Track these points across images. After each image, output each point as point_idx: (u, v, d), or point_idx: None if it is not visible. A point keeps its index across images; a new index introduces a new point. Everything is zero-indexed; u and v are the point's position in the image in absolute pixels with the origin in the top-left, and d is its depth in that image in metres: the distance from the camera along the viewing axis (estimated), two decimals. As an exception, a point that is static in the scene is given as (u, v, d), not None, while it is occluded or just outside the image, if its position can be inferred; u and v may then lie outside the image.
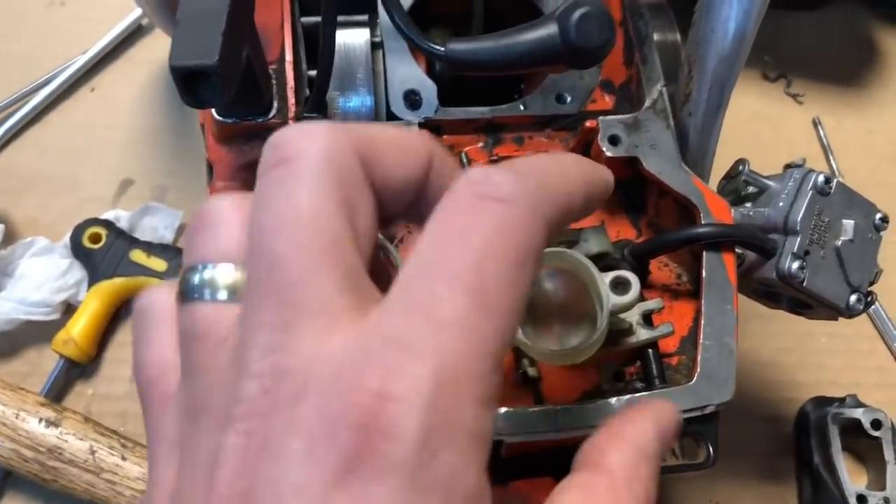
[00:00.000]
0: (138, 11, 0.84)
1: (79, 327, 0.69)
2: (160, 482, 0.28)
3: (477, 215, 0.26)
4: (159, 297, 0.32)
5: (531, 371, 0.48)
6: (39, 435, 0.63)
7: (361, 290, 0.26)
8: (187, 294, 0.28)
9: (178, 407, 0.28)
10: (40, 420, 0.64)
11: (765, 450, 0.72)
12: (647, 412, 0.34)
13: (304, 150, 0.27)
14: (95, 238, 0.72)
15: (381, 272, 0.30)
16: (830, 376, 0.74)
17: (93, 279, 0.71)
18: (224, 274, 0.28)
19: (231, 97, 0.44)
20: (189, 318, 0.28)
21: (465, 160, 0.55)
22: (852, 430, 0.68)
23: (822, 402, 0.71)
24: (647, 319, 0.49)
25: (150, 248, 0.72)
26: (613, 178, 0.35)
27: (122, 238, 0.73)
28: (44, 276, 0.70)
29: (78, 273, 0.72)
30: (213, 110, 0.51)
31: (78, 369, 0.70)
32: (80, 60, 0.83)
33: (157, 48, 0.85)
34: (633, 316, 0.48)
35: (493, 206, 0.26)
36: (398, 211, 0.30)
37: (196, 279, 0.28)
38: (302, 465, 0.23)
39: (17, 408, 0.64)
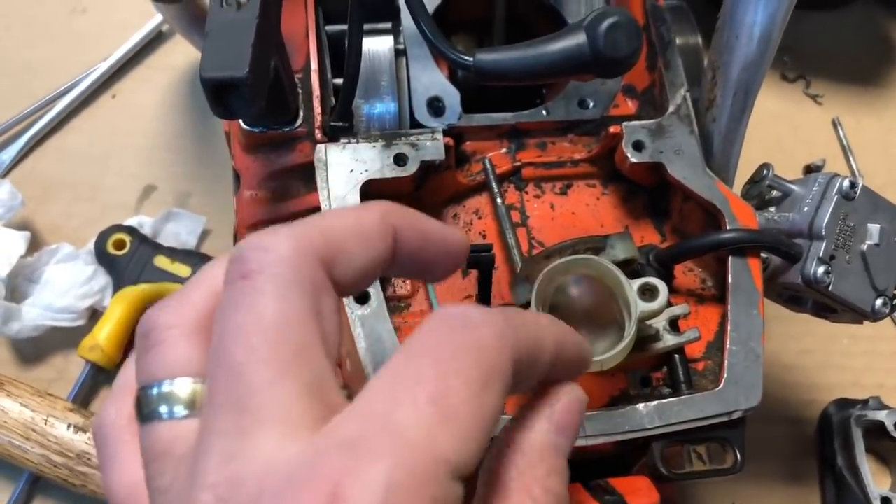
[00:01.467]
0: (159, 18, 0.85)
1: (105, 333, 0.69)
2: None
3: (446, 337, 0.27)
4: (110, 416, 0.32)
5: (559, 378, 0.48)
6: (68, 440, 0.64)
7: (326, 398, 0.27)
8: (145, 416, 0.29)
9: None
10: (69, 426, 0.64)
11: (787, 452, 0.72)
12: (539, 406, 0.33)
13: (267, 263, 0.27)
14: (119, 244, 0.73)
15: None
16: (853, 378, 0.74)
17: (117, 285, 0.72)
18: (178, 389, 0.29)
19: (261, 108, 0.44)
20: (148, 439, 0.29)
21: (488, 166, 0.55)
22: (876, 432, 0.68)
23: (845, 404, 0.71)
24: (674, 325, 0.49)
25: (174, 253, 0.73)
26: (590, 359, 0.36)
27: (146, 244, 0.73)
28: (69, 283, 0.71)
29: (102, 279, 0.73)
30: (240, 120, 0.52)
31: (104, 375, 0.71)
32: (102, 67, 0.83)
33: (177, 54, 0.86)
34: (659, 322, 0.48)
35: (461, 331, 0.27)
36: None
37: (151, 399, 0.29)
38: None
39: (47, 413, 0.65)
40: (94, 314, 0.72)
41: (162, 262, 0.73)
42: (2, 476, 0.67)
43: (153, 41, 0.86)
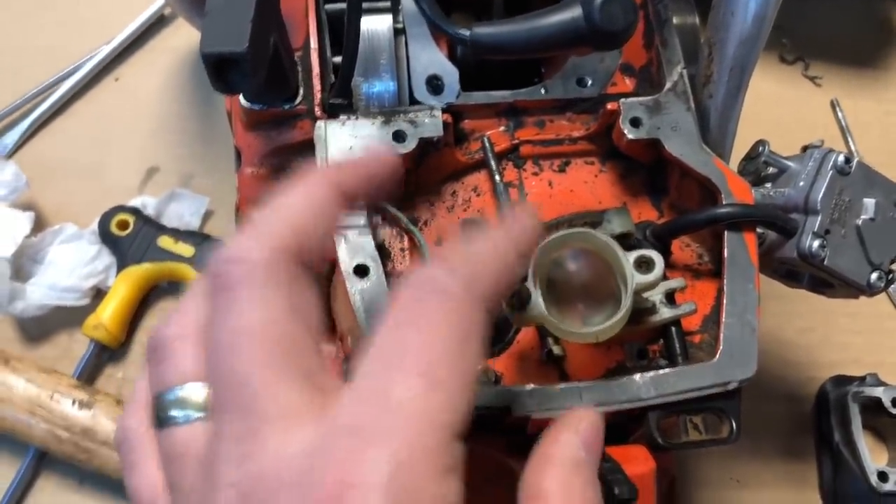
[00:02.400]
0: (161, 1, 0.85)
1: (108, 312, 0.70)
2: None
3: (420, 307, 0.29)
4: (131, 423, 0.34)
5: (556, 349, 0.49)
6: (73, 416, 0.65)
7: (322, 384, 0.28)
8: (162, 421, 0.31)
9: None
10: (74, 402, 0.65)
11: (786, 429, 0.72)
12: (567, 426, 0.36)
13: (243, 274, 0.29)
14: (123, 225, 0.74)
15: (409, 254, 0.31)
16: (852, 355, 0.75)
17: (121, 265, 0.73)
18: (191, 395, 0.31)
19: (260, 83, 0.45)
20: (167, 442, 0.31)
21: (487, 144, 0.56)
22: (873, 408, 0.69)
23: (843, 380, 0.71)
24: (670, 298, 0.49)
25: (178, 234, 0.74)
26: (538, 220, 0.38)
27: (150, 224, 0.74)
28: (73, 263, 0.72)
29: (107, 259, 0.73)
30: (240, 97, 0.52)
31: (108, 353, 0.72)
32: (105, 50, 0.84)
33: (179, 37, 0.86)
34: (656, 295, 0.49)
35: (433, 295, 0.29)
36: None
37: (166, 405, 0.31)
38: None
39: (52, 389, 0.65)
40: (99, 293, 0.73)
41: (165, 242, 0.73)
42: (9, 451, 0.68)
43: (155, 24, 0.87)
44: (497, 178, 0.55)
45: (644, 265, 0.46)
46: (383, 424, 0.26)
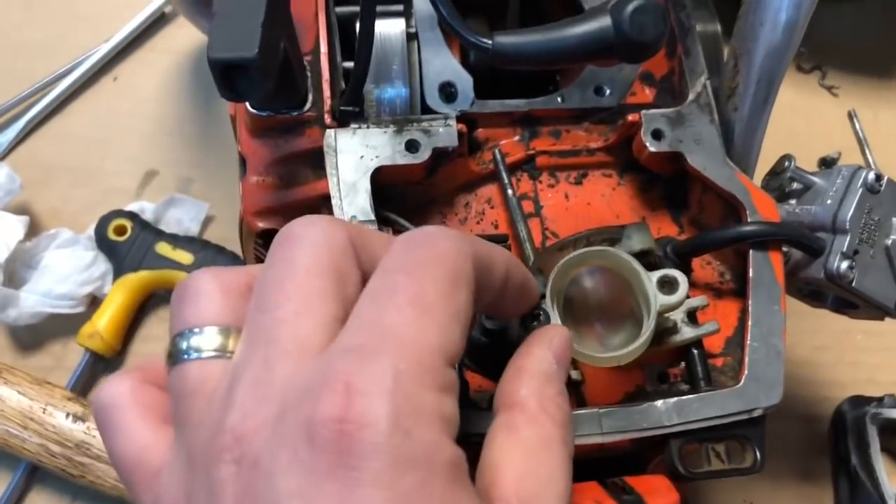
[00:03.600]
0: (162, -1, 0.83)
1: (104, 321, 0.68)
2: None
3: (412, 253, 0.31)
4: (117, 388, 0.34)
5: (574, 374, 0.47)
6: (67, 430, 0.62)
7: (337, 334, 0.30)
8: (177, 356, 0.32)
9: (173, 468, 0.31)
10: (67, 415, 0.63)
11: (801, 449, 0.70)
12: (539, 342, 0.38)
13: (306, 231, 0.32)
14: (120, 230, 0.71)
15: None
16: (868, 374, 0.73)
17: (118, 272, 0.71)
18: (209, 336, 0.32)
19: (270, 90, 0.43)
20: (180, 378, 0.32)
21: (498, 157, 0.54)
22: (891, 430, 0.67)
23: (860, 401, 0.69)
24: (692, 317, 0.48)
25: (176, 240, 0.72)
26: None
27: (148, 230, 0.72)
28: (68, 269, 0.70)
29: (103, 265, 0.71)
30: (246, 103, 0.50)
31: (103, 363, 0.70)
32: (103, 49, 0.82)
33: (180, 36, 0.84)
34: (677, 314, 0.47)
35: (425, 246, 0.31)
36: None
37: (184, 344, 0.32)
38: (292, 472, 0.26)
39: (45, 402, 0.63)
40: (94, 301, 0.71)
41: (164, 248, 0.71)
42: (-1, 465, 0.66)
43: (156, 23, 0.84)
44: (509, 192, 0.53)
45: (667, 285, 0.44)
46: (382, 344, 0.28)
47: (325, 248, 0.31)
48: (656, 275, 0.44)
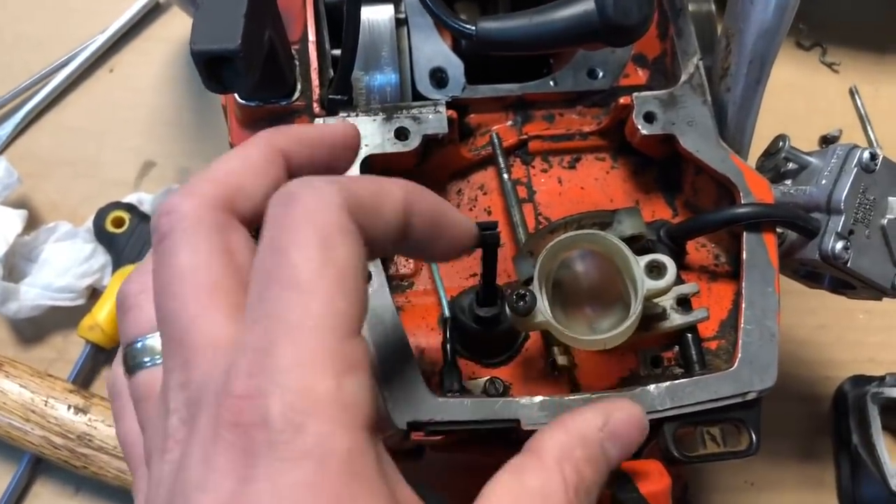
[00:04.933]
0: (156, -11, 0.83)
1: (104, 313, 0.68)
2: None
3: (278, 219, 0.30)
4: (119, 375, 0.37)
5: (561, 360, 0.47)
6: (69, 422, 0.63)
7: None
8: (131, 369, 0.35)
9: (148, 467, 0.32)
10: (69, 407, 0.63)
11: (802, 430, 0.70)
12: (597, 406, 0.37)
13: (174, 223, 0.32)
14: (118, 222, 0.72)
15: None
16: (868, 354, 0.73)
17: (117, 264, 0.71)
18: (154, 344, 0.34)
19: (255, 81, 0.42)
20: (133, 387, 0.35)
21: (496, 140, 0.53)
22: (892, 409, 0.67)
23: (861, 380, 0.69)
24: (682, 303, 0.47)
25: (174, 231, 0.71)
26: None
27: (146, 222, 0.72)
28: (68, 262, 0.70)
29: (102, 257, 0.71)
30: (235, 94, 0.50)
31: (104, 355, 0.70)
32: (99, 40, 0.81)
33: (175, 26, 0.83)
34: (666, 300, 0.47)
35: (287, 204, 0.30)
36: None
37: (133, 355, 0.35)
38: (202, 470, 0.27)
39: (46, 395, 0.64)
40: (94, 293, 0.71)
41: (162, 240, 0.71)
42: (3, 458, 0.67)
43: (151, 12, 0.84)
44: (505, 176, 0.53)
45: (655, 270, 0.44)
46: (273, 338, 0.28)
47: (201, 232, 0.31)
48: (644, 259, 0.44)
